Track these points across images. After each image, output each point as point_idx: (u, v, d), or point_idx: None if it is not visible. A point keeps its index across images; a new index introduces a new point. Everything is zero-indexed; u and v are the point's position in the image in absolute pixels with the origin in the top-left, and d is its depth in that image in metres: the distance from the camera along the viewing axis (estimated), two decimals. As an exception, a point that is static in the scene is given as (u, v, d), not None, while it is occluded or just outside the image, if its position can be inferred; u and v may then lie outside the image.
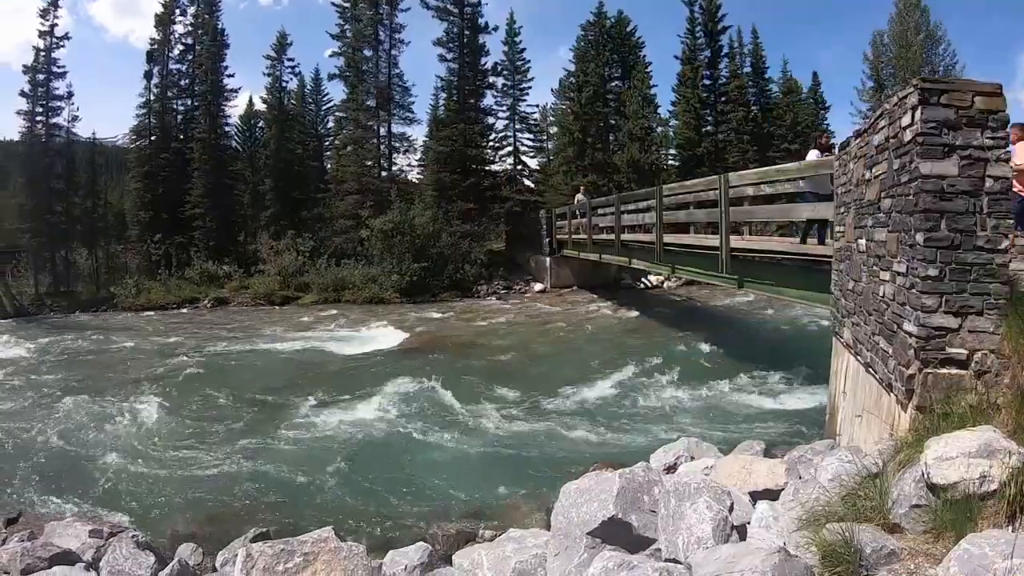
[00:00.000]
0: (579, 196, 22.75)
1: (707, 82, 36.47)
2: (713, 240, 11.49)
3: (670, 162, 37.48)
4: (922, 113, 4.14)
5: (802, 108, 38.47)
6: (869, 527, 3.12)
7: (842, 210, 6.44)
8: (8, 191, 46.97)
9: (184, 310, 28.78)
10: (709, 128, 36.32)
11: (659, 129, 37.09)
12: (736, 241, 10.90)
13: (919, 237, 4.20)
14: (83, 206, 36.41)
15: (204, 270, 31.60)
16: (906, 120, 4.37)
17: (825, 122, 40.06)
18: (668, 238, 14.06)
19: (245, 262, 32.27)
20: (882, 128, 4.95)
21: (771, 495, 4.61)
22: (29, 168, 35.14)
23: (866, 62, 36.00)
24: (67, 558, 5.74)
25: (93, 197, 37.32)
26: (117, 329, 24.31)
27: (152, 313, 28.41)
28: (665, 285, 25.86)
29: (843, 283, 6.38)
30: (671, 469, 6.33)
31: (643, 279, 26.06)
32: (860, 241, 5.60)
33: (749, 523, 4.02)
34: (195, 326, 23.59)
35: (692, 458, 6.57)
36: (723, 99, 36.26)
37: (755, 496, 4.68)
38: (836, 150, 7.82)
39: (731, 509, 3.93)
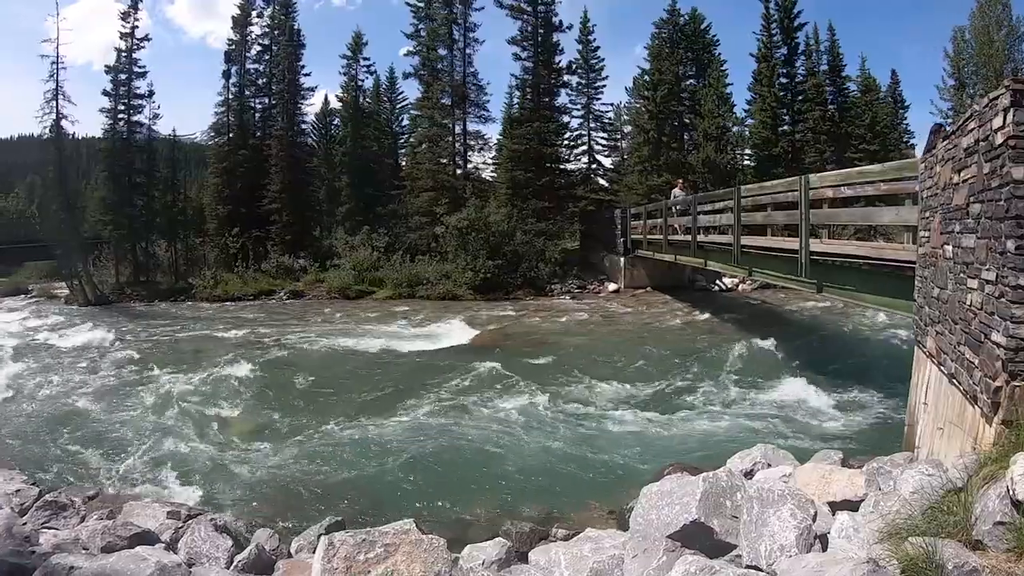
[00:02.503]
0: (676, 191, 22.31)
1: (783, 80, 36.19)
2: (792, 243, 11.50)
3: (746, 162, 37.43)
4: (1014, 115, 4.03)
5: (881, 107, 38.01)
6: (951, 543, 3.10)
7: (927, 214, 6.29)
8: (91, 185, 50.03)
9: (260, 302, 29.84)
10: (786, 128, 36.00)
11: (735, 128, 37.17)
12: (815, 244, 10.81)
13: (1010, 244, 4.06)
14: (163, 200, 38.29)
15: (280, 263, 33.11)
16: (997, 122, 4.24)
17: (905, 122, 39.84)
18: (745, 240, 14.01)
19: (320, 256, 33.57)
20: (971, 130, 4.81)
21: (850, 506, 4.61)
22: (111, 163, 37.28)
23: (947, 59, 35.40)
24: (146, 538, 5.90)
25: (173, 192, 39.17)
26: (194, 318, 25.68)
27: (229, 304, 29.72)
28: (740, 288, 25.90)
29: (927, 290, 6.23)
30: (748, 475, 6.22)
31: (717, 281, 26.14)
32: (946, 247, 5.42)
33: (829, 533, 4.04)
34: (270, 318, 24.66)
35: (769, 465, 6.51)
36: (800, 98, 35.97)
37: (833, 506, 4.69)
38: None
39: (815, 518, 4.01)
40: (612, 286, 27.21)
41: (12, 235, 62.84)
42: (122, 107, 36.48)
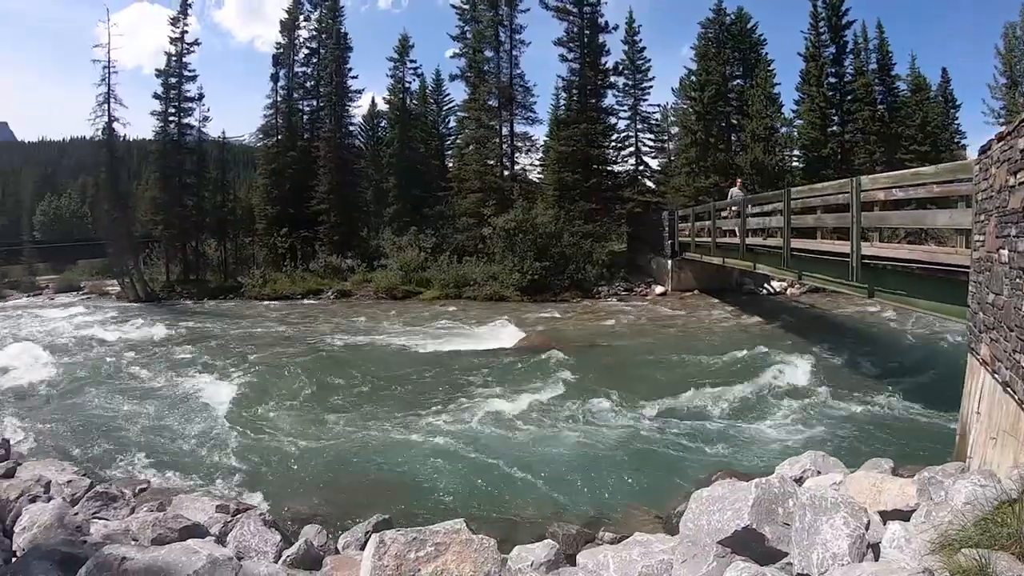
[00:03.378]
0: (734, 190, 21.71)
1: (832, 80, 35.86)
2: (842, 246, 11.37)
3: (794, 163, 37.18)
4: (1072, 116, 3.99)
5: (931, 107, 37.60)
6: (1004, 555, 3.09)
7: (982, 218, 6.13)
8: (142, 186, 51.59)
9: (308, 301, 30.69)
10: (835, 128, 35.70)
11: (783, 129, 36.88)
12: (866, 248, 10.58)
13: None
14: (213, 200, 39.74)
15: (328, 263, 34.09)
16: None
17: (956, 122, 39.22)
18: (795, 243, 13.85)
19: (368, 256, 34.47)
20: (1029, 131, 4.56)
21: (901, 515, 4.59)
22: (162, 165, 38.84)
23: (998, 57, 34.69)
24: (196, 531, 6.05)
25: (222, 192, 40.64)
26: (243, 316, 26.59)
27: (277, 303, 30.61)
28: (788, 292, 25.92)
29: (982, 296, 6.05)
30: (797, 483, 6.03)
31: (765, 285, 26.13)
32: (1002, 252, 5.27)
33: (880, 543, 4.03)
34: (318, 316, 25.29)
35: (818, 472, 6.47)
36: (849, 97, 35.57)
37: (884, 516, 4.66)
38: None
39: (867, 527, 4.02)
40: (659, 288, 27.34)
41: (65, 234, 65.19)
42: (172, 110, 38.01)
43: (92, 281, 45.97)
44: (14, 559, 5.45)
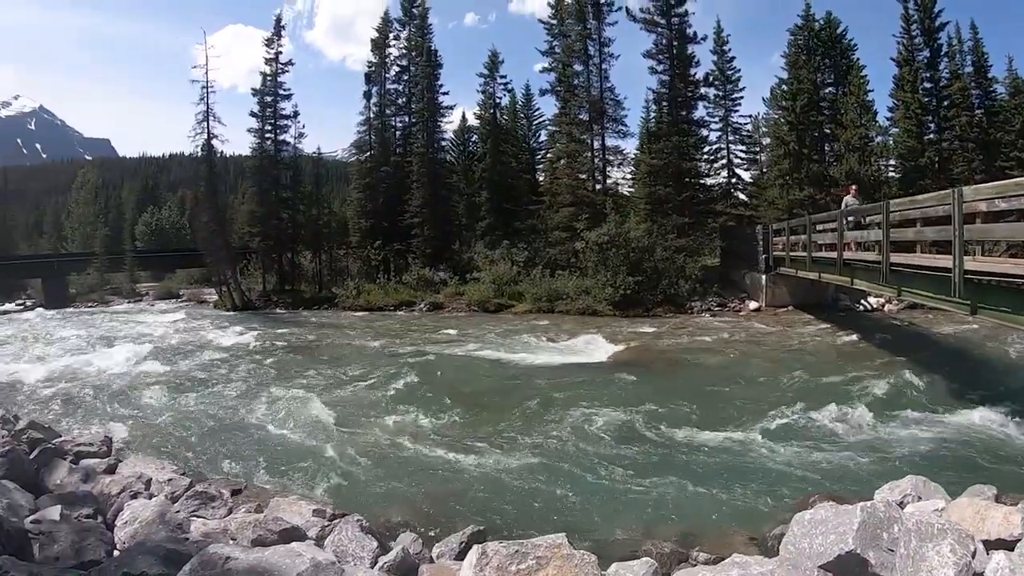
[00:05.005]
0: (848, 198, 20.46)
1: (927, 85, 34.66)
2: (943, 260, 11.09)
3: (890, 174, 36.28)
4: None
5: (1033, 111, 35.80)
6: None
7: None
8: (239, 199, 54.42)
9: (401, 312, 31.84)
10: (931, 136, 34.46)
11: (878, 138, 36.04)
12: (969, 262, 10.29)
13: None
14: (308, 213, 41.69)
15: (421, 276, 35.34)
16: None
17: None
18: (894, 257, 13.56)
19: (460, 269, 35.62)
20: None
21: (1005, 545, 4.56)
22: (259, 179, 41.32)
23: None
24: (295, 534, 6.26)
25: (317, 205, 42.65)
26: (337, 326, 27.61)
27: (370, 314, 31.85)
28: (886, 308, 25.32)
29: None
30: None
31: (862, 301, 25.65)
32: None
33: (984, 573, 4.03)
34: (411, 328, 26.01)
35: (919, 498, 6.37)
36: (945, 103, 34.34)
37: (988, 544, 4.61)
38: None
39: (974, 555, 4.01)
40: (753, 304, 27.15)
41: (164, 244, 69.05)
42: (269, 127, 40.31)
43: (190, 289, 49.13)
44: (116, 552, 5.86)
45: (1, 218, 72.04)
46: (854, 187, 22.03)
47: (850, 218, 17.52)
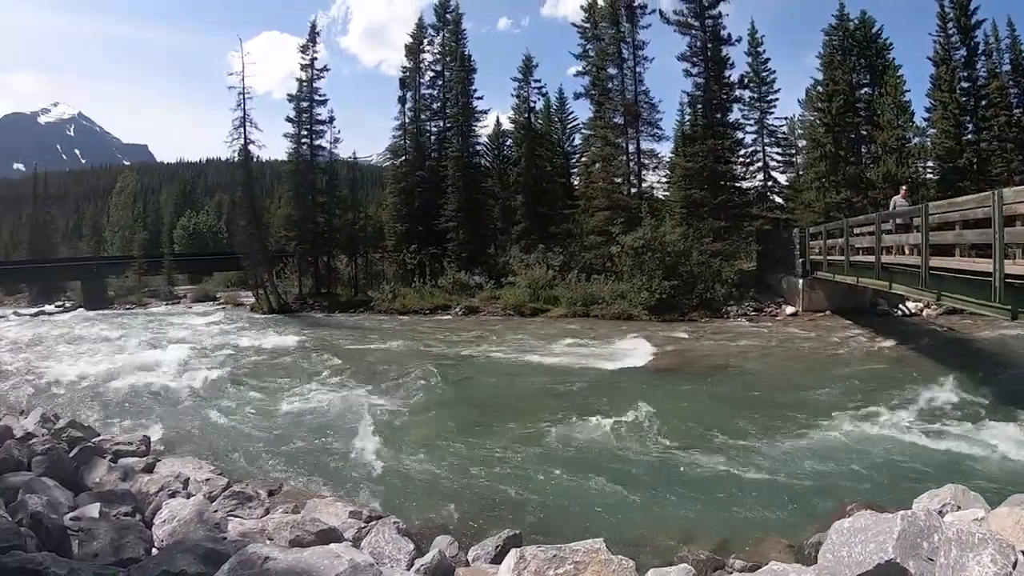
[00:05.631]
0: (897, 198, 19.79)
1: (964, 84, 34.02)
2: (983, 264, 11.01)
3: (928, 175, 35.66)
4: None
5: (1073, 110, 34.85)
6: None
7: None
8: (275, 204, 55.38)
9: (436, 316, 32.22)
10: (970, 136, 33.85)
11: (915, 140, 35.41)
12: (1010, 266, 10.16)
13: None
14: (343, 218, 42.42)
15: (456, 280, 35.81)
16: None
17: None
18: (933, 261, 13.43)
19: (495, 274, 36.04)
20: None
21: None
22: (296, 184, 42.10)
23: None
24: (332, 535, 6.26)
25: (353, 210, 43.31)
26: (373, 329, 28.12)
27: (405, 317, 32.43)
28: (924, 313, 24.91)
29: None
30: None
31: (900, 305, 25.36)
32: None
33: None
34: (447, 332, 26.19)
35: (958, 507, 6.22)
36: (983, 103, 33.62)
37: None
38: None
39: (1015, 566, 3.92)
40: (789, 309, 26.99)
41: (201, 248, 70.46)
42: (305, 132, 41.14)
43: (227, 292, 50.13)
44: (154, 550, 5.89)
45: (42, 222, 73.86)
46: (904, 187, 21.56)
47: (899, 220, 17.23)
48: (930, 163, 36.28)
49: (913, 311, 25.39)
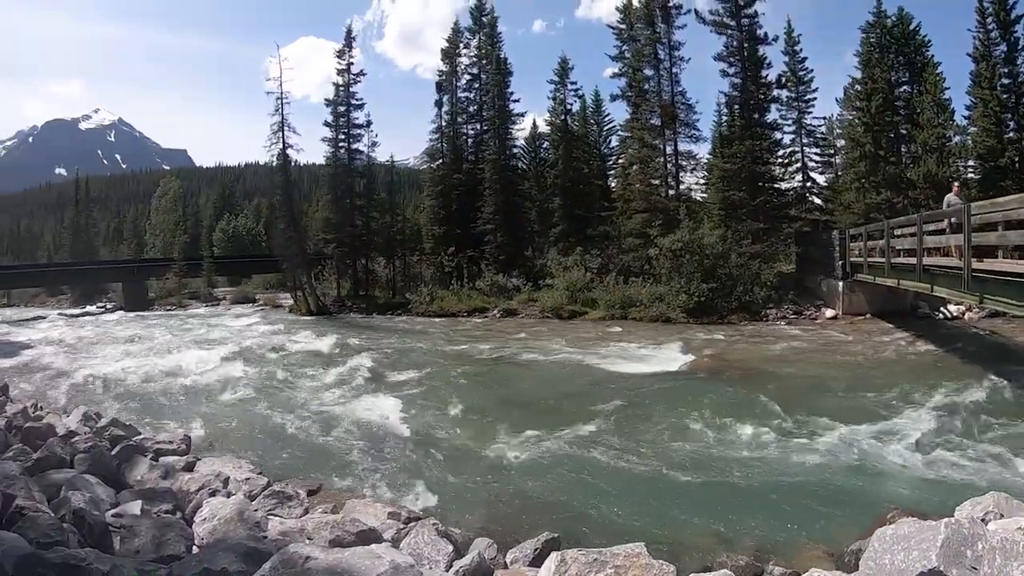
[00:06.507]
0: (950, 196, 18.83)
1: (1005, 81, 32.93)
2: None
3: (969, 175, 34.73)
4: None
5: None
6: None
7: None
8: (313, 207, 56.21)
9: (474, 319, 32.40)
10: (1011, 135, 32.78)
11: (956, 138, 34.85)
12: None
13: None
14: (381, 220, 42.95)
15: (494, 282, 36.17)
16: None
17: None
18: (975, 263, 13.26)
19: (533, 276, 36.30)
20: None
21: None
22: (334, 187, 42.87)
23: None
24: (372, 536, 6.31)
25: (391, 212, 43.90)
26: (411, 331, 28.43)
27: (443, 319, 32.76)
28: (966, 316, 24.66)
29: None
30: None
31: (941, 309, 25.04)
32: None
33: None
34: (486, 334, 26.46)
35: (1001, 515, 6.14)
36: None
37: None
38: None
39: None
40: (829, 312, 26.80)
41: (240, 250, 71.69)
42: (342, 136, 41.81)
43: (266, 294, 50.97)
44: (195, 548, 5.98)
45: (83, 225, 75.52)
46: (956, 184, 20.62)
47: (953, 219, 16.29)
48: (971, 162, 35.55)
49: (955, 314, 25.11)
